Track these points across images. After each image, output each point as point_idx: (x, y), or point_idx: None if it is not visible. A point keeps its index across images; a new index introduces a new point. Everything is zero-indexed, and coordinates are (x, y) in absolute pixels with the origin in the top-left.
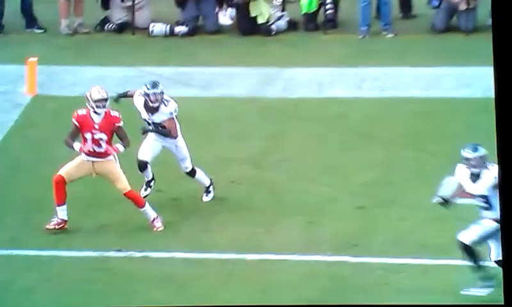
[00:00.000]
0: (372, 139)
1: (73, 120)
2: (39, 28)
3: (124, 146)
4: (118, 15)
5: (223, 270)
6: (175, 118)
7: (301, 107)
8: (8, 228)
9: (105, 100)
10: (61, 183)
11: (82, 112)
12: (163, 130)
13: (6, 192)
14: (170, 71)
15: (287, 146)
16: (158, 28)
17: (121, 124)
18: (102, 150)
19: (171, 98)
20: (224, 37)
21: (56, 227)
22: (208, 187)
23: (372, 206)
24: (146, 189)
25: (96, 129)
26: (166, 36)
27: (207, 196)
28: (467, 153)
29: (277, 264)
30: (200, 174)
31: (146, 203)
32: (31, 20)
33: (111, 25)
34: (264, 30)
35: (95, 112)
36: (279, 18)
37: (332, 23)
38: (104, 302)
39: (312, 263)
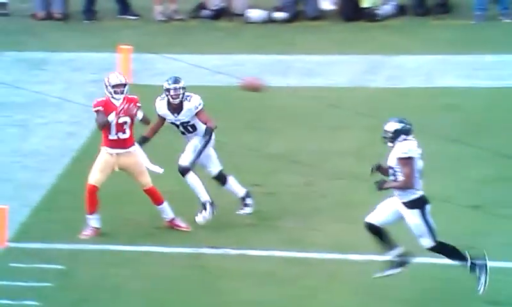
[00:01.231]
0: (488, 132)
1: (98, 108)
2: (132, 14)
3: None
4: (214, 1)
5: (324, 270)
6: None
7: (407, 98)
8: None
9: (124, 85)
10: (95, 192)
11: (101, 98)
12: (208, 130)
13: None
14: (268, 59)
15: None
16: (255, 14)
17: (139, 105)
18: (126, 136)
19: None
20: (326, 23)
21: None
22: (245, 198)
23: (489, 206)
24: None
25: (119, 113)
26: (263, 22)
27: (243, 209)
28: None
29: (381, 265)
30: (232, 183)
31: (165, 201)
32: (124, 6)
33: (206, 11)
34: (369, 15)
35: (113, 97)
36: (385, 2)
37: (443, 7)
38: (196, 301)
39: (416, 265)
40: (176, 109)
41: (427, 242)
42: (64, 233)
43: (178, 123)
